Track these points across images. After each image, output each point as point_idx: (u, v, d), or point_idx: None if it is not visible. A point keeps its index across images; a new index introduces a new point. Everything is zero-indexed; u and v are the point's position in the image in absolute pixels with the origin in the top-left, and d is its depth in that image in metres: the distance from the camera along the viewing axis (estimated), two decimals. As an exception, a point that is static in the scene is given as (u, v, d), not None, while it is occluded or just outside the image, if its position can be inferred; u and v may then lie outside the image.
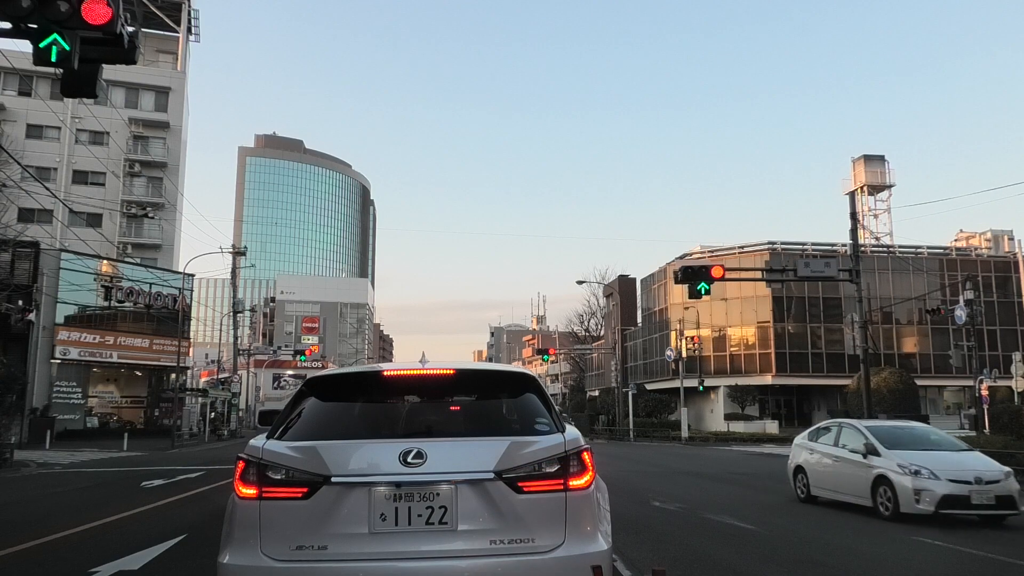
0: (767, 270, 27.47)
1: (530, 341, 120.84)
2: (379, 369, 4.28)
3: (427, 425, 4.02)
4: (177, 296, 43.67)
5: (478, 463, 3.61)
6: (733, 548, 8.69)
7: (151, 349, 44.12)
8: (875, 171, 68.13)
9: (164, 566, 7.30)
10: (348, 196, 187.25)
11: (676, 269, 26.13)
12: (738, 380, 53.90)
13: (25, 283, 34.77)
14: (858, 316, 25.90)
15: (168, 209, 54.06)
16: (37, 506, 12.79)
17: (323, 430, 3.84)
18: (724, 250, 57.94)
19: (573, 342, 79.72)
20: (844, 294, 51.07)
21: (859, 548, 8.94)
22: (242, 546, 3.59)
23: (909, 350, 56.13)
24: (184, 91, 57.48)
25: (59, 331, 38.47)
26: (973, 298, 31.11)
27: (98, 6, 6.95)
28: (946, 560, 8.40)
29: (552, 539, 3.61)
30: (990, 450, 18.65)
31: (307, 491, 3.56)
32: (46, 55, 6.99)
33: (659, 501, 13.48)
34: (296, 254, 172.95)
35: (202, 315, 79.82)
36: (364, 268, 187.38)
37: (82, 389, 40.68)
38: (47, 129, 51.28)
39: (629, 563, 7.36)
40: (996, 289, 56.55)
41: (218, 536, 3.79)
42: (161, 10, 56.01)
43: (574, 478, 3.71)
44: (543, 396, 4.12)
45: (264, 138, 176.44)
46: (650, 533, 9.64)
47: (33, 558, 7.84)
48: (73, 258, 39.57)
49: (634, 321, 68.09)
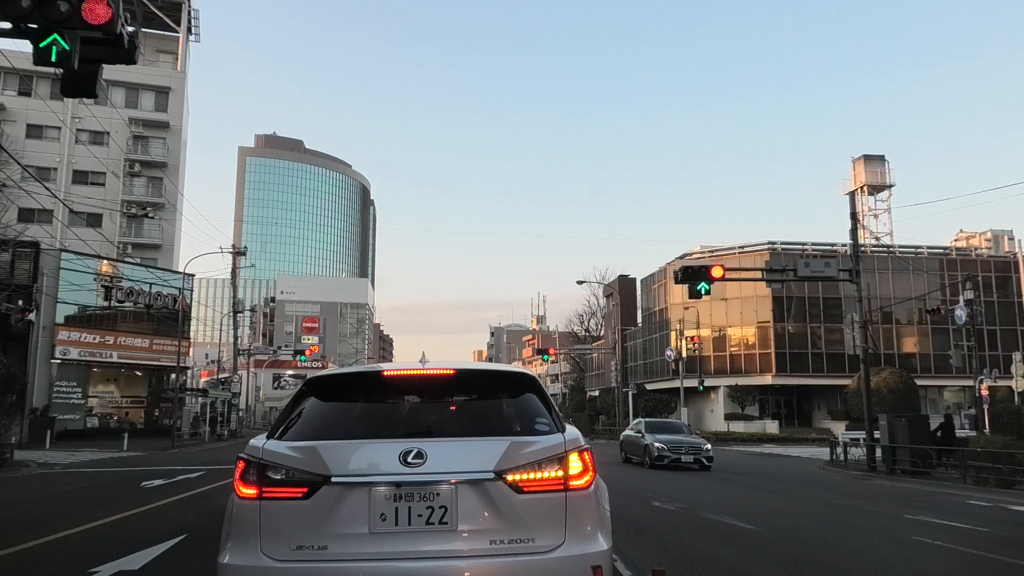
0: (767, 270, 27.41)
1: (530, 341, 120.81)
2: (379, 369, 4.28)
3: (427, 425, 4.01)
4: (177, 296, 43.66)
5: (478, 463, 3.61)
6: (733, 548, 8.68)
7: (151, 349, 44.11)
8: (875, 171, 68.14)
9: (164, 566, 7.30)
10: (348, 196, 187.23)
11: (676, 269, 26.11)
12: (738, 380, 53.90)
13: (25, 283, 34.76)
14: (858, 316, 25.88)
15: (168, 209, 54.06)
16: (37, 506, 12.78)
17: (323, 430, 3.83)
18: (724, 250, 57.94)
19: (573, 342, 79.71)
20: (844, 294, 51.06)
21: (859, 548, 8.93)
22: (242, 546, 3.58)
23: (909, 350, 56.13)
24: (184, 91, 57.48)
25: (59, 331, 38.46)
26: (973, 298, 31.08)
27: (98, 6, 6.95)
28: (946, 560, 8.39)
29: (552, 539, 3.60)
30: (990, 450, 18.69)
31: (307, 491, 3.55)
32: (46, 55, 6.98)
33: (659, 501, 13.48)
34: (296, 254, 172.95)
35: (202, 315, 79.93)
36: (364, 268, 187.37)
37: (82, 389, 40.66)
38: (47, 129, 51.27)
39: (629, 563, 7.36)
40: (996, 289, 56.54)
41: (218, 536, 3.79)
42: (161, 10, 56.00)
43: (574, 478, 3.70)
44: (543, 396, 4.12)
45: (264, 138, 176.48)
46: (650, 533, 9.63)
47: (33, 558, 7.83)
48: (73, 258, 39.56)
49: (634, 321, 68.09)
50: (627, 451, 25.16)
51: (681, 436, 23.23)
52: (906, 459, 21.07)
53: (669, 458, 21.73)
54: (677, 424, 26.08)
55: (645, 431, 23.50)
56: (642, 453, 22.97)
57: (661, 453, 21.85)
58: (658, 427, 24.46)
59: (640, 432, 23.80)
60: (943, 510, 13.21)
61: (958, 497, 15.92)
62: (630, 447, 24.79)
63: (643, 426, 24.28)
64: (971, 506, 14.29)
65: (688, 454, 21.87)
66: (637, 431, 24.33)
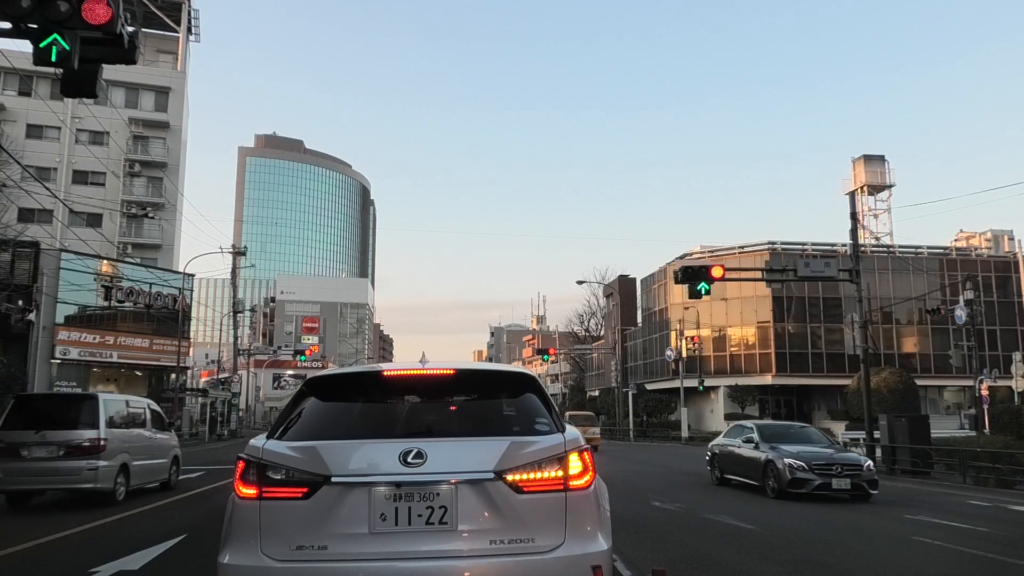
0: (767, 270, 27.41)
1: (530, 341, 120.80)
2: (379, 369, 4.28)
3: (427, 425, 4.02)
4: (177, 296, 43.68)
5: (478, 463, 3.61)
6: (733, 548, 8.69)
7: (151, 349, 44.10)
8: (875, 171, 68.12)
9: (164, 566, 7.30)
10: (348, 196, 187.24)
11: (676, 269, 26.11)
12: (738, 380, 53.90)
13: (25, 283, 34.75)
14: (858, 316, 25.88)
15: (168, 209, 54.03)
16: (37, 506, 12.77)
17: (323, 430, 3.84)
18: (724, 250, 57.95)
19: (573, 342, 79.73)
20: (844, 294, 51.04)
21: (859, 548, 8.93)
22: (242, 546, 3.59)
23: (909, 350, 56.13)
24: (184, 91, 57.47)
25: (59, 331, 38.46)
26: (973, 298, 31.09)
27: (98, 6, 6.95)
28: (946, 560, 8.39)
29: (552, 539, 3.61)
30: (990, 450, 18.70)
31: (307, 491, 3.56)
32: (46, 55, 6.99)
33: (659, 501, 13.48)
34: (296, 254, 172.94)
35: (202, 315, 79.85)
36: (364, 268, 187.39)
37: (82, 389, 40.55)
38: (47, 129, 51.25)
39: (629, 563, 7.36)
40: (996, 289, 56.54)
41: (218, 536, 3.79)
42: (161, 10, 55.98)
43: (574, 478, 3.71)
44: (543, 396, 4.12)
45: (264, 138, 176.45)
46: (650, 533, 9.63)
47: (33, 558, 7.83)
48: (73, 258, 39.55)
49: (634, 321, 68.09)
50: (725, 468, 17.42)
51: (819, 447, 15.72)
52: (906, 459, 21.07)
53: (814, 482, 14.15)
54: (804, 429, 17.68)
55: (760, 440, 15.93)
56: (758, 474, 15.48)
57: (799, 475, 14.25)
58: (779, 434, 16.61)
59: (752, 442, 16.20)
60: (943, 510, 13.21)
61: (958, 497, 15.91)
62: (731, 463, 17.13)
63: (755, 433, 16.47)
64: (971, 506, 14.29)
65: (842, 475, 14.25)
66: (747, 440, 16.53)
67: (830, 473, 14.19)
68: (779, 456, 14.75)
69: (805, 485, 14.11)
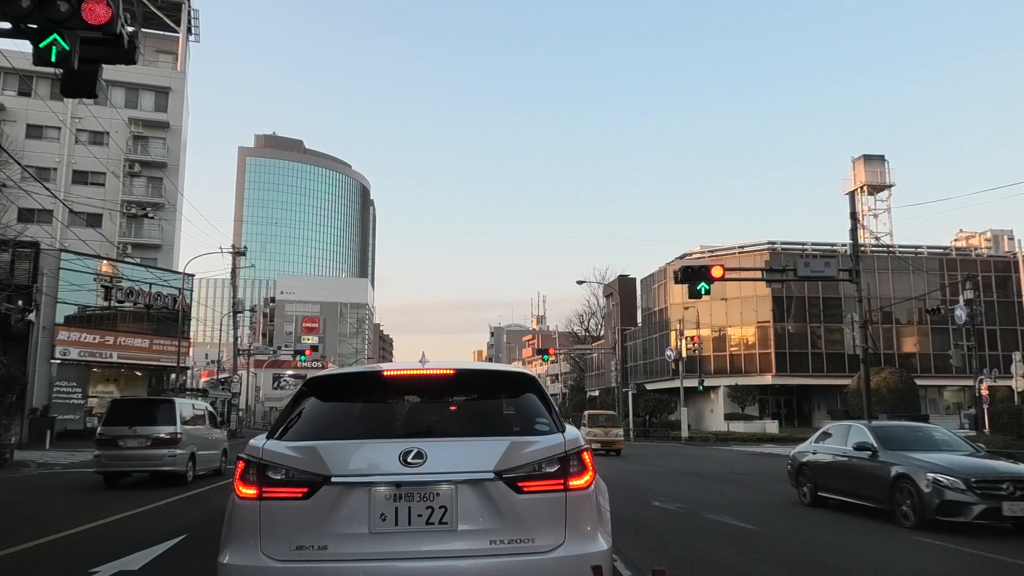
0: (767, 270, 27.43)
1: (530, 341, 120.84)
2: (379, 369, 4.28)
3: (427, 425, 4.02)
4: (177, 296, 43.65)
5: (478, 463, 3.61)
6: (733, 548, 8.68)
7: (151, 349, 44.06)
8: (875, 171, 68.17)
9: (164, 566, 7.30)
10: (348, 196, 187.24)
11: (676, 269, 26.11)
12: (738, 380, 53.91)
13: (25, 283, 34.72)
14: (858, 316, 25.90)
15: (168, 209, 54.04)
16: (37, 506, 12.78)
17: (323, 430, 3.84)
18: (724, 250, 57.97)
19: (573, 342, 79.74)
20: (844, 294, 51.08)
21: (860, 548, 8.93)
22: (242, 546, 3.59)
23: (909, 350, 56.15)
24: (184, 91, 57.47)
25: (59, 331, 38.42)
26: (973, 298, 31.15)
27: (98, 6, 6.95)
28: (946, 559, 8.39)
29: (552, 539, 3.61)
30: (990, 450, 18.70)
31: (307, 491, 3.56)
32: (46, 55, 6.99)
33: (659, 501, 13.48)
34: (296, 254, 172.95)
35: (202, 315, 79.87)
36: (364, 268, 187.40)
37: (82, 389, 40.60)
38: (47, 129, 51.26)
39: (629, 563, 7.35)
40: (996, 289, 56.56)
41: (218, 536, 3.79)
42: (161, 10, 55.98)
43: (574, 478, 3.71)
44: (543, 396, 4.12)
45: (264, 138, 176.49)
46: (650, 533, 9.63)
47: (33, 558, 7.83)
48: (73, 258, 39.52)
49: (634, 321, 68.11)
50: (822, 483, 12.80)
51: (964, 456, 10.97)
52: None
53: (976, 508, 9.62)
54: (935, 432, 12.55)
55: (880, 447, 11.35)
56: (882, 493, 10.97)
57: (952, 496, 9.74)
58: (904, 437, 11.86)
59: (868, 448, 11.51)
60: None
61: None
62: (834, 477, 12.49)
63: (871, 437, 11.71)
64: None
65: (1015, 497, 9.58)
66: (861, 447, 11.66)
67: (999, 494, 9.61)
68: (917, 468, 10.31)
69: (963, 511, 9.64)
